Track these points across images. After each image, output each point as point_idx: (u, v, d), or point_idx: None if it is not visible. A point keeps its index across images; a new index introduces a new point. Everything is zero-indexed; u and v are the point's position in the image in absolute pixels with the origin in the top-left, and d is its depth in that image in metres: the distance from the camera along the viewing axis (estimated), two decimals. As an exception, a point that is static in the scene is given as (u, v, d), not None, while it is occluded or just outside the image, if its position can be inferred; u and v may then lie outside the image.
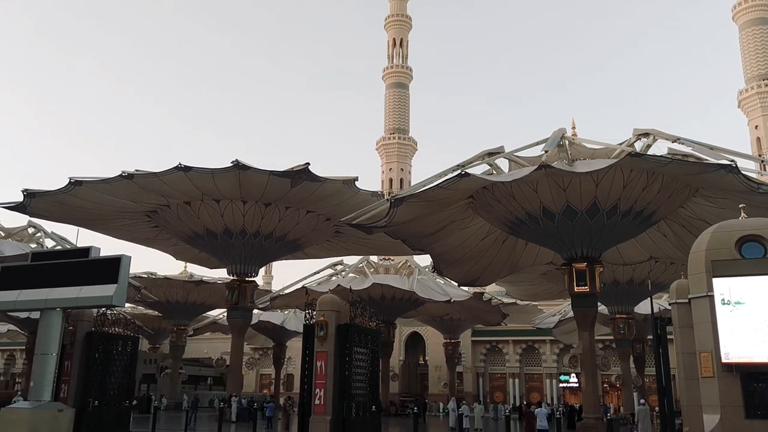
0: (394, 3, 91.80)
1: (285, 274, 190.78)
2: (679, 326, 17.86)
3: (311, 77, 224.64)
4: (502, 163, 31.32)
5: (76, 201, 35.18)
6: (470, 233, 35.19)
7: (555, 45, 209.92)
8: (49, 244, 43.65)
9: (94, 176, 33.85)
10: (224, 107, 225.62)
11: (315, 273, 51.23)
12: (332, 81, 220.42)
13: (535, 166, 26.26)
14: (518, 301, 56.81)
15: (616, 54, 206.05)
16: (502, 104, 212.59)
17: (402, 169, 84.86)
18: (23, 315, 42.64)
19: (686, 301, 17.61)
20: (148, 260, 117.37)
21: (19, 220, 44.49)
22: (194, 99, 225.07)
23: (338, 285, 43.65)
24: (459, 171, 27.21)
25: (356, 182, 34.59)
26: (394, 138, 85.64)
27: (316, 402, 22.07)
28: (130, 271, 21.99)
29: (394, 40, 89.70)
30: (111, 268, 19.85)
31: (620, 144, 30.62)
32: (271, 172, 32.79)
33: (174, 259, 49.35)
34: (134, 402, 47.98)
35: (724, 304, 16.29)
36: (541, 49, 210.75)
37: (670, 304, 19.03)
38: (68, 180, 33.06)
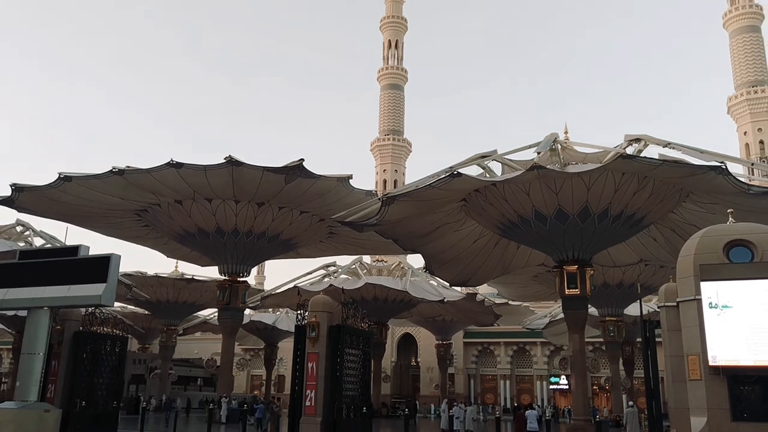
0: (389, 5, 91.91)
1: (277, 275, 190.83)
2: (668, 329, 17.96)
3: (306, 78, 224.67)
4: (495, 167, 31.42)
5: (64, 197, 34.91)
6: (463, 235, 35.27)
7: (550, 49, 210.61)
8: (37, 242, 43.29)
9: (84, 171, 33.62)
10: (215, 109, 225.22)
11: (307, 273, 51.15)
12: (327, 82, 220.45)
13: (527, 168, 26.36)
14: (510, 302, 56.91)
15: (610, 59, 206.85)
16: (497, 108, 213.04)
17: (396, 171, 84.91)
18: (10, 313, 42.32)
19: (675, 304, 17.71)
20: (138, 258, 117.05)
21: (7, 218, 44.26)
22: (181, 99, 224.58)
23: (330, 285, 43.57)
24: (451, 171, 27.25)
25: (350, 180, 34.49)
26: (388, 139, 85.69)
27: (307, 403, 22.06)
28: (120, 270, 21.90)
29: (389, 41, 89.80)
30: (100, 267, 19.69)
31: (612, 149, 30.73)
32: (265, 168, 32.61)
33: (165, 257, 49.15)
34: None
35: (711, 307, 16.39)
36: (537, 54, 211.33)
37: (658, 307, 19.12)
38: (57, 175, 32.81)
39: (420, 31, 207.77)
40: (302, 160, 32.09)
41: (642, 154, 28.46)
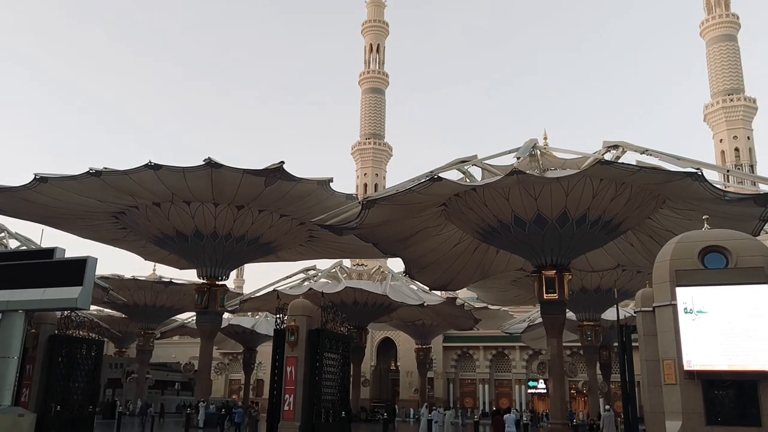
0: (371, 8, 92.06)
1: (257, 278, 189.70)
2: (644, 334, 18.16)
3: (287, 81, 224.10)
4: (476, 172, 31.60)
5: (41, 198, 34.38)
6: (442, 240, 35.40)
7: (530, 55, 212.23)
8: (13, 244, 42.62)
9: (61, 173, 33.17)
10: (196, 114, 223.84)
11: (287, 277, 50.97)
12: (309, 86, 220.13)
13: (507, 173, 26.56)
14: (489, 306, 57.13)
15: (589, 66, 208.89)
16: (479, 112, 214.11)
17: (377, 175, 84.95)
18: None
19: (651, 309, 17.93)
20: (116, 260, 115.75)
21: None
22: (162, 101, 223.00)
23: (310, 289, 43.45)
24: (431, 176, 27.35)
25: (331, 183, 34.41)
26: (369, 143, 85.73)
27: (286, 408, 22.04)
28: (97, 273, 21.69)
29: (371, 45, 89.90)
30: (76, 270, 19.55)
31: (591, 155, 31.10)
32: (245, 170, 32.41)
33: (143, 260, 48.70)
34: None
35: (686, 312, 16.62)
36: (518, 59, 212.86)
37: (635, 312, 19.34)
38: (33, 176, 32.36)
39: (402, 36, 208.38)
40: (282, 162, 31.94)
41: (620, 161, 28.80)
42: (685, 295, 16.75)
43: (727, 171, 39.43)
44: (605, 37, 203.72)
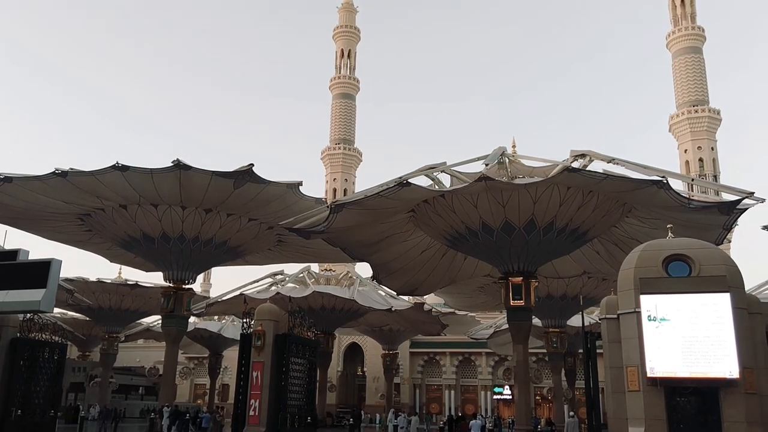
0: (343, 14, 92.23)
1: (224, 282, 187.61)
2: (608, 341, 18.43)
3: (256, 85, 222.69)
4: (444, 179, 31.78)
5: (6, 198, 33.71)
6: (410, 246, 35.54)
7: (499, 62, 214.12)
8: (-26, 245, 41.70)
9: (26, 173, 32.54)
10: (163, 112, 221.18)
11: (254, 282, 50.57)
12: (278, 90, 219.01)
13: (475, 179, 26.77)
14: (456, 311, 57.42)
15: (553, 72, 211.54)
16: (450, 120, 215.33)
17: (346, 180, 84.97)
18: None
19: (615, 316, 18.21)
20: (81, 262, 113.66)
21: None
22: (128, 100, 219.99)
23: (277, 293, 43.21)
24: (400, 181, 27.44)
25: (300, 187, 34.30)
26: (339, 148, 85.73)
27: (251, 413, 21.91)
28: (61, 275, 21.35)
29: (342, 50, 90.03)
30: (40, 272, 19.26)
31: (559, 162, 31.46)
32: (214, 172, 32.18)
33: (109, 262, 47.97)
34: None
35: (650, 320, 16.92)
36: (483, 68, 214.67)
37: (600, 319, 19.61)
38: None
39: (373, 42, 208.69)
40: (252, 165, 31.80)
41: (587, 169, 29.26)
42: (649, 303, 17.06)
43: (692, 180, 40.32)
44: (571, 46, 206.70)
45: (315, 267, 57.19)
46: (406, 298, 52.03)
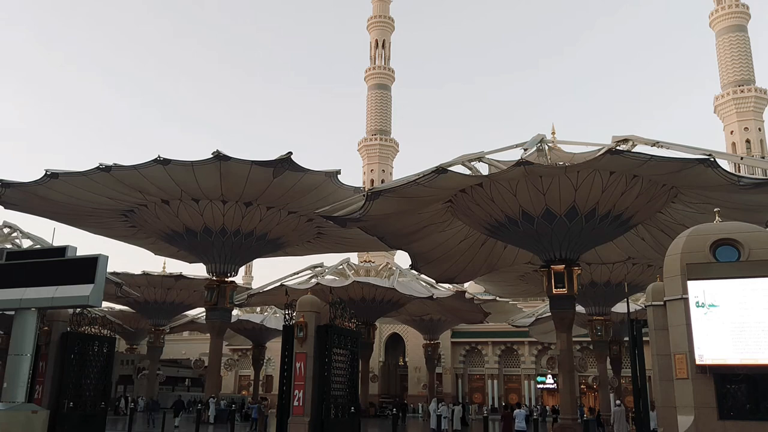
0: (376, 4, 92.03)
1: (265, 274, 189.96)
2: (655, 328, 18.03)
3: (293, 77, 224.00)
4: (482, 168, 31.39)
5: (51, 194, 34.53)
6: (449, 235, 35.33)
7: (541, 51, 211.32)
8: (25, 243, 42.79)
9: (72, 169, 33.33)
10: (205, 107, 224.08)
11: (294, 274, 51.05)
12: (314, 81, 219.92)
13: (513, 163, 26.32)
14: (498, 298, 57.01)
15: (597, 59, 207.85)
16: (487, 108, 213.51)
17: (383, 171, 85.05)
18: (-3, 313, 41.91)
19: (662, 303, 17.79)
20: (127, 254, 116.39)
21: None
22: (170, 97, 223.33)
23: (318, 284, 43.51)
24: (437, 168, 27.14)
25: (339, 176, 34.30)
26: (375, 139, 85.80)
27: (295, 403, 22.09)
28: (108, 269, 21.82)
29: (376, 41, 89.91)
30: (88, 268, 19.69)
31: (601, 146, 30.81)
32: (253, 161, 32.35)
33: (153, 256, 49.04)
34: (116, 404, 47.91)
35: (698, 306, 16.48)
36: (527, 55, 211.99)
37: (645, 306, 19.21)
38: (44, 172, 32.54)
39: (408, 31, 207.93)
40: (290, 153, 31.80)
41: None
42: (696, 289, 16.62)
43: (741, 158, 39.03)
44: (616, 31, 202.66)
45: (354, 259, 57.43)
46: (446, 286, 51.89)
